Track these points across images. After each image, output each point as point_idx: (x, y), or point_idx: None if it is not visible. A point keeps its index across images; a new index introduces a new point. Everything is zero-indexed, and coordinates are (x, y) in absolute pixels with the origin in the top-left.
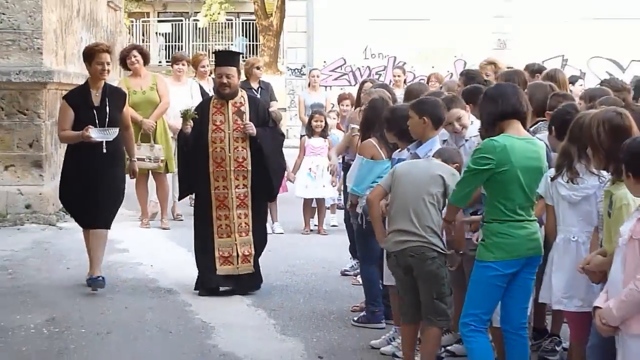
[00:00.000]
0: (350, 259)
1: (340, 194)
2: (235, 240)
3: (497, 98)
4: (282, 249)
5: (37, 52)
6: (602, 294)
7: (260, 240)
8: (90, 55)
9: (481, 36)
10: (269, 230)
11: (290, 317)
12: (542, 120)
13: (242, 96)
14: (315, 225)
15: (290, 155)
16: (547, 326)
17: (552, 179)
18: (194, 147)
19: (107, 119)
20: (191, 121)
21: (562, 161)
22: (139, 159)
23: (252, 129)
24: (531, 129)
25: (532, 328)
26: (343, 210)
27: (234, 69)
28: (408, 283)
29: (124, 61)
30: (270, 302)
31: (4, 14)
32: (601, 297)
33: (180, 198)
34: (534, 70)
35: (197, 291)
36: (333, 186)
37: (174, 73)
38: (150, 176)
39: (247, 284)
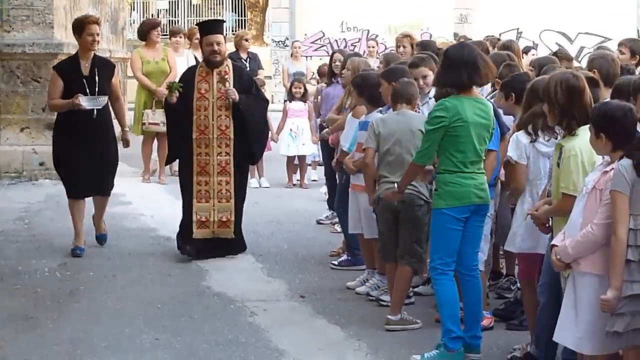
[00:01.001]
0: (327, 209)
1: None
2: (214, 206)
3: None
4: (268, 202)
5: (49, 27)
6: (560, 234)
7: (240, 206)
8: (81, 26)
9: (445, 12)
10: (256, 184)
11: (275, 261)
12: None
13: (227, 65)
14: (298, 180)
15: (275, 118)
16: (502, 269)
17: (532, 141)
18: (179, 114)
19: (96, 88)
20: (176, 92)
21: (532, 123)
22: (153, 124)
23: (235, 95)
24: (490, 95)
25: (491, 270)
26: (323, 167)
27: (222, 36)
28: (393, 227)
29: (144, 33)
30: (257, 248)
31: None
32: (559, 237)
33: (166, 163)
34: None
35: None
36: (314, 143)
37: (171, 45)
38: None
39: (228, 249)
